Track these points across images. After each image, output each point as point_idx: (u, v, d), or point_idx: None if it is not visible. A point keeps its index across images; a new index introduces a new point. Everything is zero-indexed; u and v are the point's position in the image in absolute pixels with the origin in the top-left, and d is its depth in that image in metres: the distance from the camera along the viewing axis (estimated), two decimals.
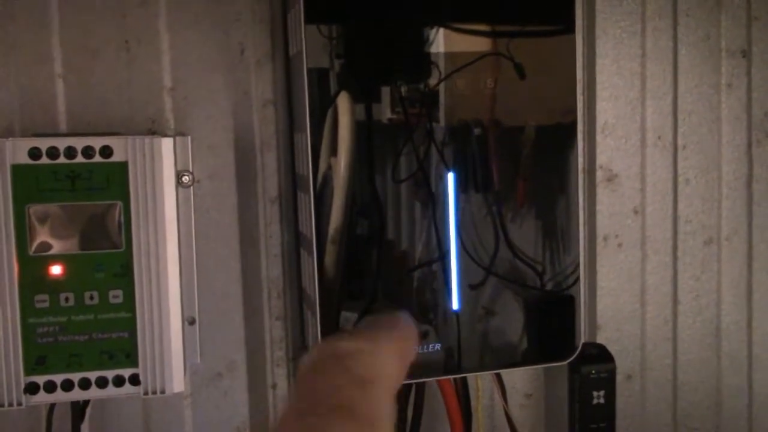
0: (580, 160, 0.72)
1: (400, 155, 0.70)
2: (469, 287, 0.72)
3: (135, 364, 0.64)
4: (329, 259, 0.66)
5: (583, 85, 0.71)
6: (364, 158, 0.67)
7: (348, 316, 0.68)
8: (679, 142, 0.85)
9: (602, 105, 0.83)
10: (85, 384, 0.63)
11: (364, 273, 0.69)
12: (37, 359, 0.62)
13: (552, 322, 0.74)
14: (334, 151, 0.66)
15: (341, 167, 0.66)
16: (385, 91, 0.69)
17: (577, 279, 0.73)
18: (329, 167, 0.67)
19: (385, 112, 0.69)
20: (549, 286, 0.74)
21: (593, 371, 0.78)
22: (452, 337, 0.71)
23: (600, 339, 0.84)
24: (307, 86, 0.64)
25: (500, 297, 0.73)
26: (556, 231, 0.73)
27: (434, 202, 0.70)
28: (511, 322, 0.73)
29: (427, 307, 0.71)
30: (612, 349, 0.80)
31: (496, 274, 0.72)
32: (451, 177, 0.70)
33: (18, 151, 0.61)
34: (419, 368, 0.70)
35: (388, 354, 0.38)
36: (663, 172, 0.85)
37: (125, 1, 0.70)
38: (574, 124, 0.71)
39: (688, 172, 0.86)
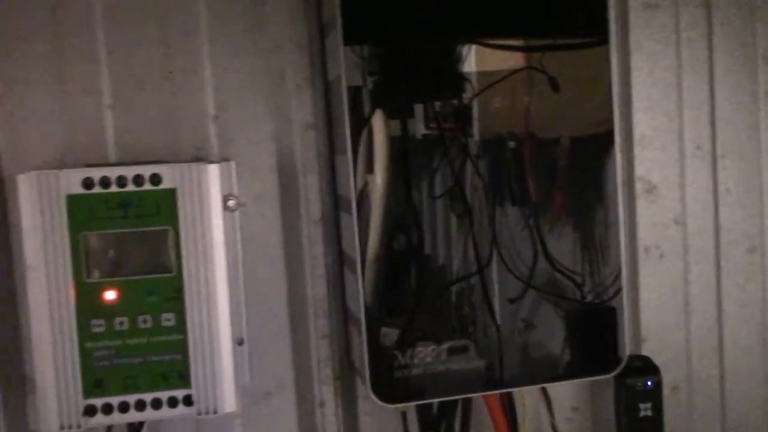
0: (619, 172, 0.72)
1: (436, 171, 0.71)
2: (510, 301, 0.72)
3: (188, 385, 0.65)
4: (369, 276, 0.67)
5: (618, 98, 0.72)
6: (400, 175, 0.69)
7: (387, 332, 0.69)
8: (718, 151, 0.85)
9: (639, 117, 0.83)
10: (140, 406, 0.65)
11: (403, 289, 0.70)
12: (94, 382, 0.64)
13: (595, 335, 0.74)
14: (370, 168, 0.68)
15: (378, 184, 0.67)
16: (421, 109, 0.70)
17: (620, 290, 0.73)
18: (365, 184, 0.68)
19: (420, 128, 0.70)
20: (591, 299, 0.74)
21: (639, 383, 0.78)
22: (496, 352, 0.71)
23: (645, 351, 0.83)
24: (347, 108, 0.65)
25: (542, 310, 0.73)
26: (596, 242, 0.74)
27: (471, 216, 0.71)
28: (554, 335, 0.73)
29: (466, 321, 0.72)
30: (657, 360, 0.79)
31: (536, 287, 0.73)
32: (488, 190, 0.71)
33: (72, 181, 0.63)
34: (464, 383, 0.71)
35: None
36: (703, 181, 0.85)
37: (169, 33, 0.72)
38: (609, 134, 0.72)
39: (728, 181, 0.86)
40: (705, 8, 0.84)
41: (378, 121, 0.67)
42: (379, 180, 0.67)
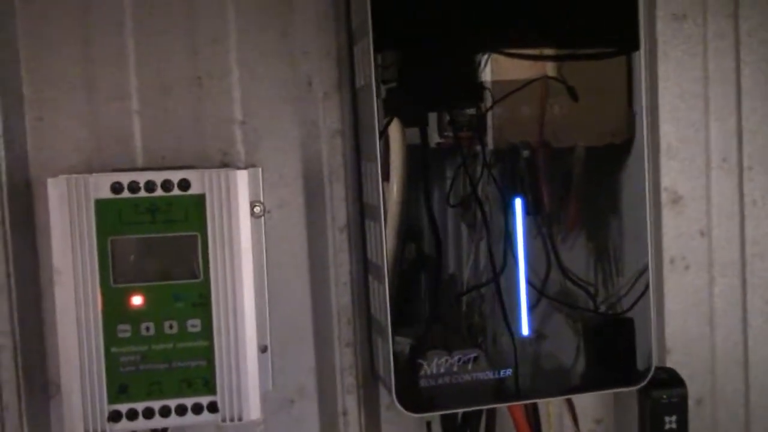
0: (646, 183, 0.71)
1: (453, 180, 0.70)
2: (533, 311, 0.72)
3: (213, 391, 0.65)
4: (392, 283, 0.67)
5: (645, 108, 0.71)
6: (416, 183, 0.68)
7: (400, 341, 0.68)
8: (745, 163, 0.85)
9: (665, 127, 0.83)
10: (165, 412, 0.64)
11: (419, 298, 0.70)
12: (119, 387, 0.64)
13: (622, 347, 0.74)
14: (386, 176, 0.67)
15: (394, 192, 0.67)
16: (435, 118, 0.69)
17: (647, 302, 0.72)
18: (383, 188, 0.67)
19: (434, 137, 0.69)
20: (616, 310, 0.74)
21: (664, 396, 0.77)
22: (521, 363, 0.71)
23: (669, 363, 0.83)
24: (377, 115, 0.65)
25: (564, 321, 0.73)
26: (613, 252, 0.73)
27: (488, 225, 0.70)
28: (579, 346, 0.73)
29: (483, 331, 0.71)
30: (682, 373, 0.79)
31: (559, 299, 0.72)
32: (518, 203, 0.70)
33: (100, 186, 0.63)
34: (489, 394, 0.70)
35: None
36: (729, 193, 0.85)
37: (197, 39, 0.72)
38: (627, 144, 0.71)
39: (754, 193, 0.85)
40: (733, 18, 0.83)
41: (394, 129, 0.67)
42: (395, 188, 0.67)
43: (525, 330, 0.71)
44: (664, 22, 0.82)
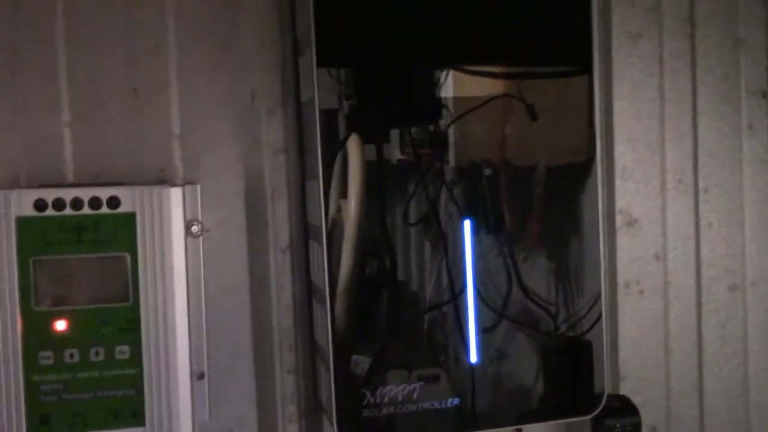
0: (600, 205, 0.69)
1: (411, 197, 0.68)
2: (485, 335, 0.70)
3: (142, 422, 0.61)
4: (340, 303, 0.64)
5: (600, 129, 0.69)
6: (374, 200, 0.66)
7: (359, 360, 0.65)
8: (701, 185, 0.83)
9: (620, 149, 0.81)
10: None
11: (376, 316, 0.67)
12: (40, 418, 0.60)
13: (574, 375, 0.72)
14: (344, 193, 0.65)
15: (351, 210, 0.64)
16: (396, 134, 0.67)
17: (599, 329, 0.70)
18: (339, 210, 0.65)
19: (396, 153, 0.67)
20: (570, 336, 0.72)
21: (618, 425, 0.75)
22: (468, 392, 0.68)
23: (623, 390, 0.81)
24: (319, 131, 0.62)
25: (517, 347, 0.71)
26: (572, 273, 0.72)
27: (446, 243, 0.68)
28: (531, 374, 0.71)
29: (439, 351, 0.69)
30: (636, 400, 0.77)
31: (517, 321, 0.70)
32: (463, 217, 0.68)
33: (23, 202, 0.59)
34: (435, 424, 0.67)
35: None
36: (684, 216, 0.83)
37: (135, 49, 0.69)
38: (587, 163, 0.70)
39: (710, 216, 0.84)
40: (689, 39, 0.82)
41: (353, 145, 0.64)
42: (352, 205, 0.64)
43: (473, 357, 0.68)
44: (620, 41, 0.80)
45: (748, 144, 0.84)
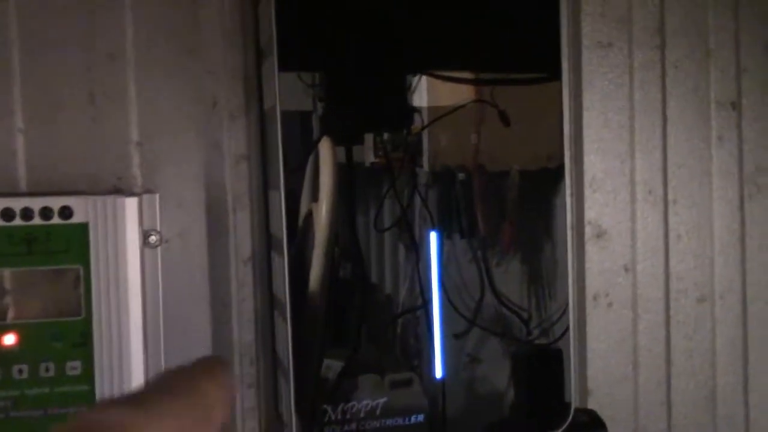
0: (568, 216, 0.69)
1: (383, 200, 0.67)
2: (455, 342, 0.69)
3: None
4: (310, 308, 0.63)
5: (570, 139, 0.68)
6: (346, 204, 0.65)
7: (330, 364, 0.64)
8: (670, 196, 0.83)
9: (590, 159, 0.80)
10: None
11: (346, 320, 0.66)
12: None
13: (541, 389, 0.71)
14: (315, 197, 0.63)
15: (323, 213, 0.63)
16: (368, 138, 0.67)
17: (567, 341, 0.70)
18: (309, 213, 0.64)
19: (367, 158, 0.67)
20: (538, 349, 0.71)
21: None
22: (436, 407, 0.67)
23: (591, 404, 0.80)
24: (281, 140, 0.61)
25: (484, 361, 0.70)
26: (544, 279, 0.71)
27: (417, 248, 0.67)
28: (498, 389, 0.70)
29: (410, 355, 0.68)
30: (603, 414, 0.75)
31: (489, 330, 0.70)
32: (436, 221, 0.67)
33: None
34: None
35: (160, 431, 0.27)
36: (654, 227, 0.82)
37: (91, 53, 0.66)
38: (559, 170, 0.69)
39: (679, 228, 0.83)
40: (659, 50, 0.81)
41: (325, 147, 0.63)
42: (324, 208, 0.63)
43: (438, 372, 0.67)
44: (590, 50, 0.79)
45: (717, 155, 0.84)
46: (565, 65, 0.68)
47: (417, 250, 0.67)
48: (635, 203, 0.82)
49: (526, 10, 0.68)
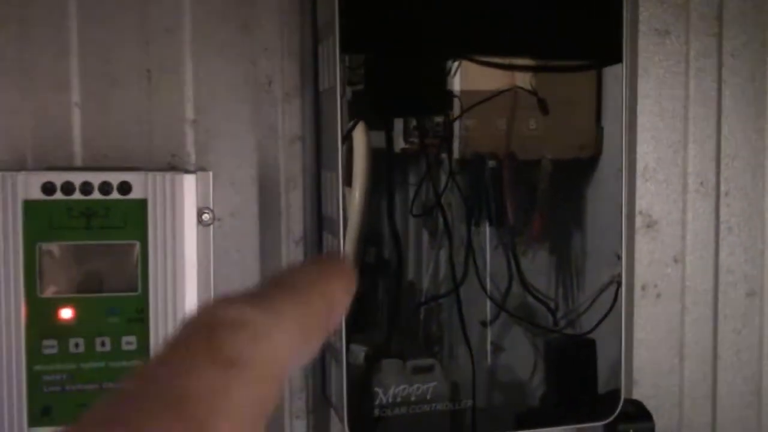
0: (623, 205, 0.68)
1: (417, 186, 0.67)
2: (498, 336, 0.68)
3: None
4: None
5: (625, 126, 0.67)
6: (379, 189, 0.64)
7: (356, 350, 0.64)
8: (722, 188, 0.81)
9: (643, 148, 0.79)
10: None
11: (377, 306, 0.66)
12: (42, 409, 0.58)
13: (588, 378, 0.70)
14: (349, 181, 0.63)
15: (356, 198, 0.62)
16: (408, 123, 0.66)
17: (616, 332, 0.69)
18: (344, 198, 0.63)
19: (397, 143, 0.66)
20: (584, 339, 0.70)
21: (631, 430, 0.73)
22: (482, 394, 0.67)
23: (636, 395, 0.79)
24: (340, 122, 0.60)
25: (528, 350, 0.69)
26: (574, 270, 0.70)
27: (450, 234, 0.66)
28: (544, 377, 0.69)
29: (439, 344, 0.68)
30: (648, 405, 0.75)
31: (525, 320, 0.69)
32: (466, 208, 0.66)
33: (31, 185, 0.57)
34: (448, 426, 0.66)
35: (283, 332, 0.24)
36: (705, 219, 0.81)
37: (149, 27, 0.66)
38: (594, 160, 0.68)
39: (730, 220, 0.82)
40: (717, 38, 0.80)
41: (359, 133, 0.62)
42: (356, 193, 0.62)
43: (488, 358, 0.66)
44: (647, 38, 0.78)
45: None
46: (625, 52, 0.66)
47: (450, 236, 0.66)
48: (687, 194, 0.81)
49: None
